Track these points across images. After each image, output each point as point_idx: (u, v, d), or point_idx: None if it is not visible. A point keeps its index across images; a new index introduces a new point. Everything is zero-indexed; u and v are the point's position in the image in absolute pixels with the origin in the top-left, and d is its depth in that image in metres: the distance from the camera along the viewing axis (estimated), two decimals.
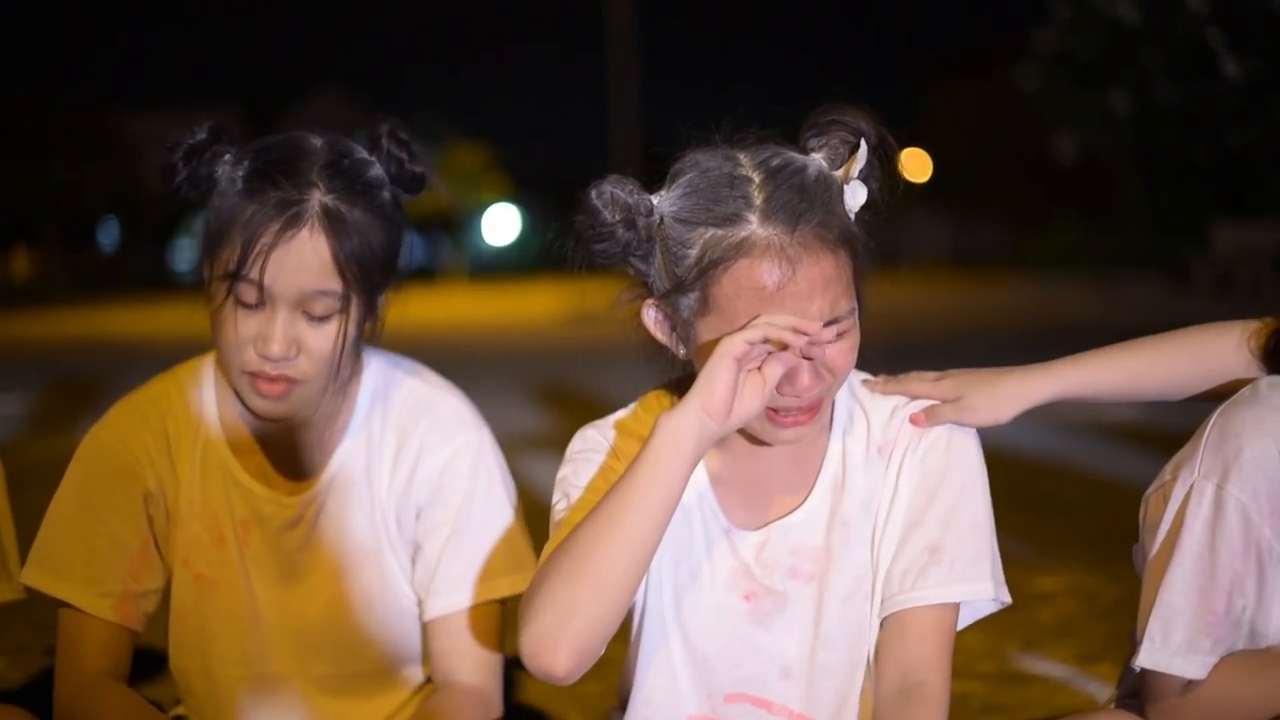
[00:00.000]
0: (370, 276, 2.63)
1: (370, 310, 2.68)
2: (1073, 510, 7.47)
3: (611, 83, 33.69)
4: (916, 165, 55.70)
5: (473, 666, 2.78)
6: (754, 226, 2.29)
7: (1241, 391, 2.51)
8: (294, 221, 2.56)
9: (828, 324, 2.31)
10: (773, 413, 2.39)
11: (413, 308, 2.87)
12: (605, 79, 34.00)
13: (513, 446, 3.01)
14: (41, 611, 2.80)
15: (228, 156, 2.66)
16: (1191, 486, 2.44)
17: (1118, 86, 34.38)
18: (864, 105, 2.45)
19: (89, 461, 2.79)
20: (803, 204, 2.31)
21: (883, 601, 2.49)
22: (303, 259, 2.57)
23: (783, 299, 2.28)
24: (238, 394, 2.69)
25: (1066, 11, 35.29)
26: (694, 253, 2.33)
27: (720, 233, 2.31)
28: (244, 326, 2.59)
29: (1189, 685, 2.43)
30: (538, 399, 12.71)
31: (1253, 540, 2.42)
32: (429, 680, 2.86)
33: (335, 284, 2.59)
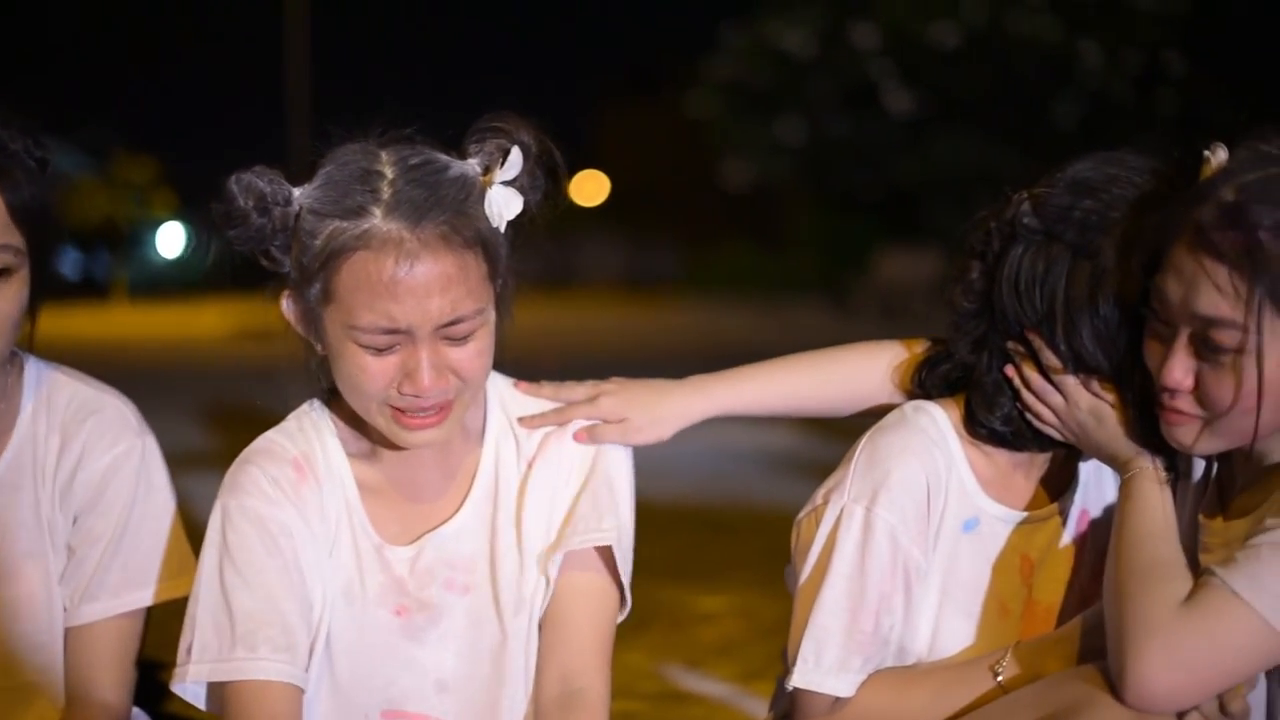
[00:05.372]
0: (44, 234, 2.60)
1: (40, 277, 2.63)
2: (736, 531, 7.57)
3: (288, 100, 33.40)
4: (593, 187, 56.05)
5: (113, 681, 2.73)
6: (377, 220, 2.31)
7: (888, 416, 2.60)
8: None
9: (449, 324, 2.33)
10: (398, 412, 2.39)
11: (73, 322, 2.83)
12: (283, 97, 33.71)
13: (178, 464, 2.95)
14: None
15: None
16: (842, 510, 2.51)
17: (788, 116, 35.04)
18: (532, 119, 2.48)
19: None
20: (430, 201, 2.33)
21: (533, 585, 2.52)
22: None
23: (399, 294, 2.30)
24: None
25: (738, 40, 35.87)
26: (319, 243, 2.34)
27: (345, 224, 2.32)
28: None
29: (837, 703, 2.50)
30: (204, 416, 12.48)
31: (900, 560, 2.50)
32: None
33: (14, 238, 2.55)
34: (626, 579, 2.58)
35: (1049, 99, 32.81)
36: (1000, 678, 2.49)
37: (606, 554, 2.54)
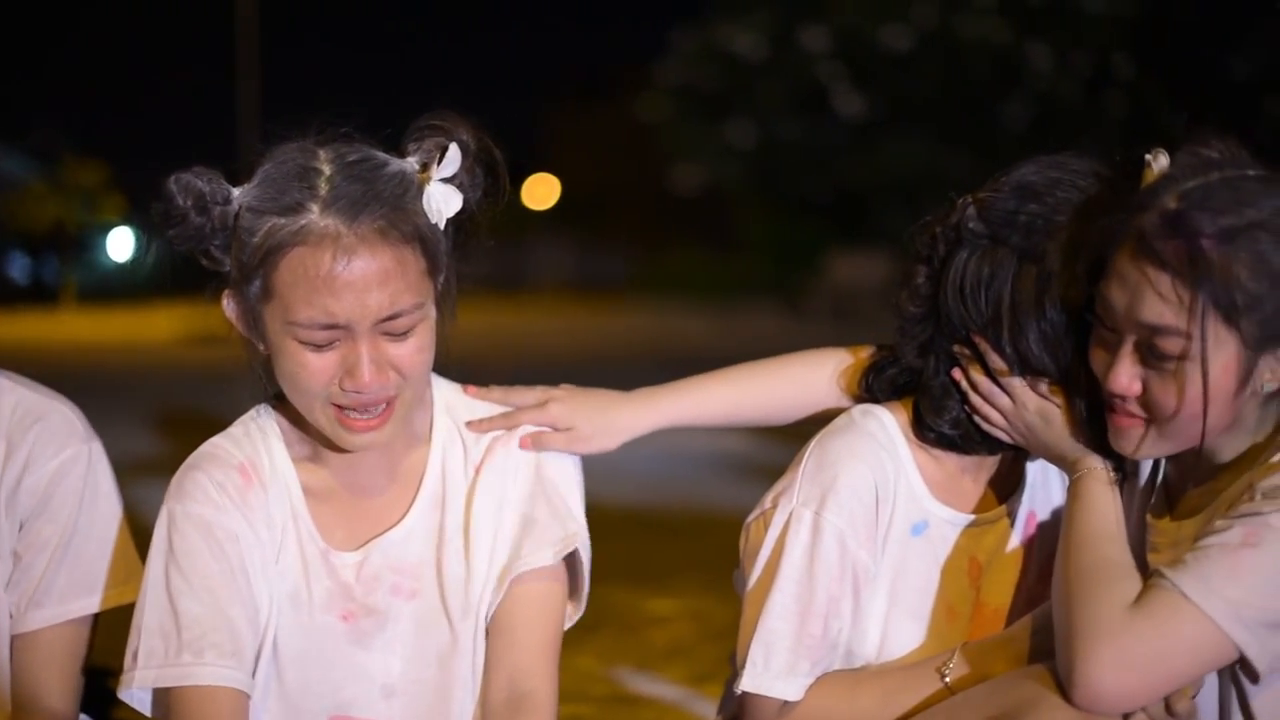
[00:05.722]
0: None
1: None
2: (687, 534, 7.59)
3: (239, 105, 33.32)
4: (543, 190, 56.00)
5: (60, 688, 2.70)
6: (314, 215, 2.32)
7: (836, 420, 2.61)
8: None
9: (388, 319, 2.33)
10: (340, 413, 2.40)
11: (21, 327, 2.80)
12: (234, 102, 33.62)
13: (127, 470, 2.92)
14: None
15: None
16: (791, 514, 2.52)
17: (738, 119, 35.07)
18: (477, 119, 2.48)
19: None
20: (367, 196, 2.33)
21: (487, 590, 2.51)
22: None
23: (337, 289, 2.30)
24: None
25: (688, 44, 35.89)
26: (257, 240, 2.34)
27: (283, 220, 2.33)
28: None
29: (785, 706, 2.50)
30: (153, 421, 12.42)
31: (849, 564, 2.51)
32: None
33: None
34: (586, 584, 2.59)
35: (998, 101, 32.93)
36: (948, 679, 2.50)
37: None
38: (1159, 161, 2.33)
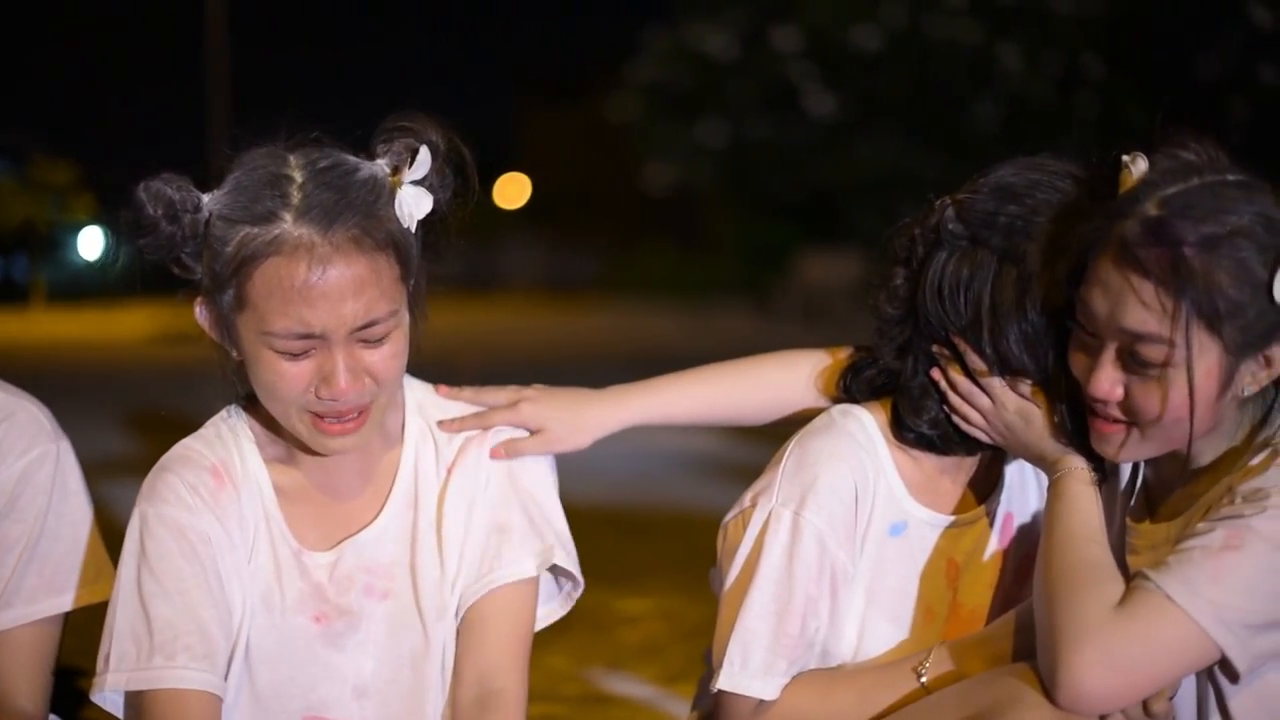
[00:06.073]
0: None
1: None
2: (659, 533, 7.59)
3: (209, 104, 33.28)
4: (514, 190, 55.97)
5: (30, 689, 2.68)
6: (287, 225, 2.30)
7: (816, 420, 2.61)
8: None
9: (364, 327, 2.32)
10: (316, 418, 2.38)
11: None
12: (204, 102, 33.59)
13: (97, 469, 2.90)
14: None
15: None
16: (770, 513, 2.52)
17: (709, 119, 35.08)
18: (449, 120, 2.47)
19: None
20: (341, 205, 2.31)
21: (460, 595, 2.51)
22: None
23: (313, 299, 2.29)
24: None
25: (659, 44, 35.88)
26: (230, 249, 2.32)
27: (256, 230, 2.30)
28: None
29: (761, 705, 2.50)
30: (124, 421, 12.38)
31: (827, 564, 2.50)
32: None
33: None
34: (580, 582, 2.59)
35: (969, 101, 32.97)
36: (924, 678, 2.50)
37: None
38: (1137, 165, 2.32)
